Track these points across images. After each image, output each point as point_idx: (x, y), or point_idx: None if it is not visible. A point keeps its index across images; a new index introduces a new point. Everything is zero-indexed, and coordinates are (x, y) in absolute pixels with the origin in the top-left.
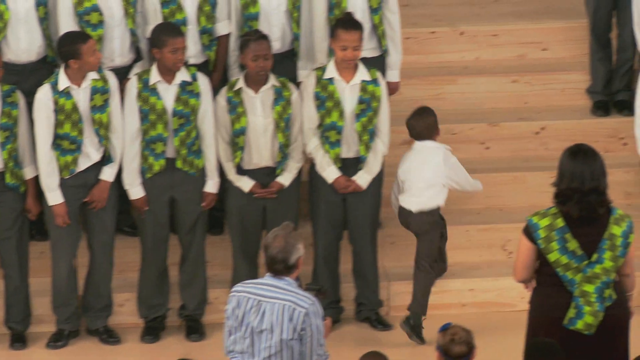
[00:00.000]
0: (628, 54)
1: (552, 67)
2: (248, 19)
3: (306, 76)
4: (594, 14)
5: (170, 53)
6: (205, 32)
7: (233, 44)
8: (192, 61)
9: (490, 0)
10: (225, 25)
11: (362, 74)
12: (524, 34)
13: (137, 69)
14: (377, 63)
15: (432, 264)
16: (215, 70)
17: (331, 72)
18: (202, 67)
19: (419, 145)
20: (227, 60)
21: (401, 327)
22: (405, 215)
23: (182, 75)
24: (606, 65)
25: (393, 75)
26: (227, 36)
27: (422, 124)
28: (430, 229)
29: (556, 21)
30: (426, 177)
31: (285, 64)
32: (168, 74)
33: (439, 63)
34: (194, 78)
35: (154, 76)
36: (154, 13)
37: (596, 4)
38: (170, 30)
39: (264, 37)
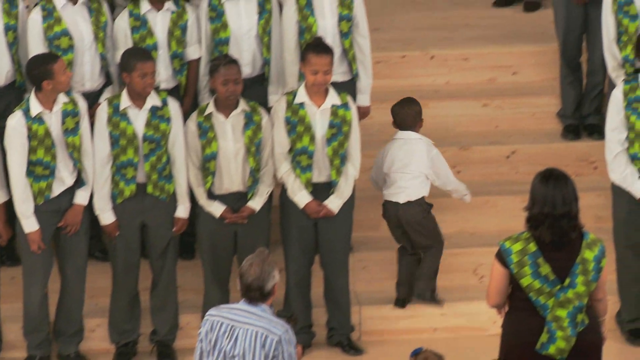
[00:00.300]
0: (598, 78)
1: (523, 90)
2: (218, 43)
3: (277, 101)
4: (564, 38)
5: (140, 77)
6: (176, 56)
7: (203, 69)
8: (163, 86)
9: (461, 24)
10: (196, 50)
11: (333, 98)
12: (494, 57)
13: (107, 94)
14: (348, 87)
15: (435, 243)
16: (187, 94)
17: (302, 96)
18: (174, 92)
19: (401, 135)
20: (198, 85)
21: (417, 297)
22: (393, 210)
23: (153, 100)
24: (576, 89)
25: (364, 99)
26: (198, 60)
27: (408, 111)
28: (422, 217)
29: (526, 45)
30: (411, 169)
31: (256, 89)
32: (138, 98)
33: (409, 87)
34: (165, 103)
35: (124, 101)
36: (124, 38)
37: (566, 28)
38: (139, 54)
39: (233, 62)
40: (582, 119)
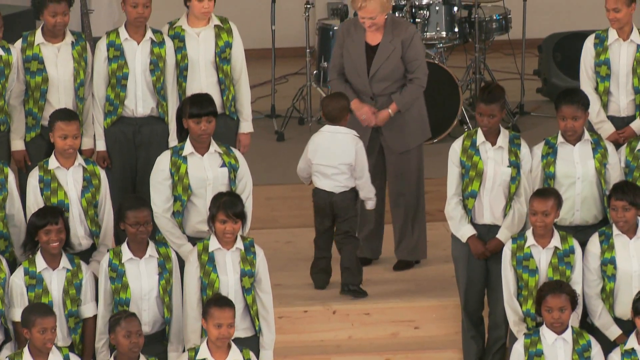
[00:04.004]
0: (500, 332)
1: (425, 345)
2: (118, 303)
3: (178, 358)
4: (466, 293)
5: (39, 333)
6: (71, 315)
7: (102, 327)
8: (60, 344)
9: (363, 280)
10: (91, 308)
11: (235, 354)
12: (396, 312)
13: (6, 351)
14: (251, 343)
15: (353, 231)
16: (84, 354)
17: (204, 353)
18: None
19: (328, 129)
20: (95, 344)
21: (342, 293)
22: (327, 197)
23: (55, 357)
24: (478, 343)
25: (267, 355)
26: (93, 318)
27: (337, 105)
28: (351, 204)
29: (428, 299)
30: (337, 162)
31: (155, 346)
32: (39, 355)
33: (312, 342)
34: (67, 359)
35: (27, 358)
36: (20, 296)
37: (467, 283)
38: (39, 310)
39: (134, 315)
40: None
